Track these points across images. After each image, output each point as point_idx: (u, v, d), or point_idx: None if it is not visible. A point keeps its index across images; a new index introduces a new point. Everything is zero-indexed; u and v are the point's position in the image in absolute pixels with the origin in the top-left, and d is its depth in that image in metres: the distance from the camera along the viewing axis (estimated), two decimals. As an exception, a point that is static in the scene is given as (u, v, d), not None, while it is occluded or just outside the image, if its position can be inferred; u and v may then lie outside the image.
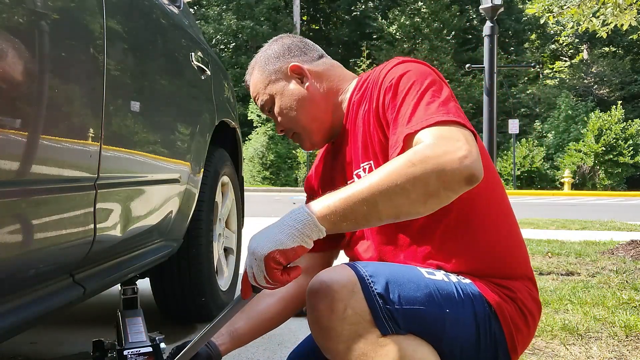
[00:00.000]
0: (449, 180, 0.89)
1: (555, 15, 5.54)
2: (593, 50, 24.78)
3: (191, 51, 2.06)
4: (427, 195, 0.90)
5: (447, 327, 0.98)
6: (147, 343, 1.36)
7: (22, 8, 0.98)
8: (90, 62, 1.20)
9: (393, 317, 0.93)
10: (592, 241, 4.84)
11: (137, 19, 1.56)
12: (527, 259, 1.18)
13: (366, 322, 0.92)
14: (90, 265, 1.38)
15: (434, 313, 0.96)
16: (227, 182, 2.56)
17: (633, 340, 2.07)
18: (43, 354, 2.01)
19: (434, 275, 1.02)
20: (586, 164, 19.00)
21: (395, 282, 0.96)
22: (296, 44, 1.29)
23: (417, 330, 0.96)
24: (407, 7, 22.91)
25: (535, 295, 1.13)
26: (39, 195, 1.06)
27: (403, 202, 0.90)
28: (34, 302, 1.10)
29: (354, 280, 0.94)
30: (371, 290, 0.93)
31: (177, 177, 1.85)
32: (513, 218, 1.18)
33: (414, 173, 0.89)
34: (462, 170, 0.89)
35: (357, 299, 0.92)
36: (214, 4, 25.27)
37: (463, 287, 1.02)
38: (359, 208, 0.90)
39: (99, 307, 2.67)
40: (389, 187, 0.89)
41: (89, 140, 1.19)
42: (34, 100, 1.00)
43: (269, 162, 19.69)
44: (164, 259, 1.91)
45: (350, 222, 0.91)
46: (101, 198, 1.28)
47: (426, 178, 0.88)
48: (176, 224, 1.93)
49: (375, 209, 0.90)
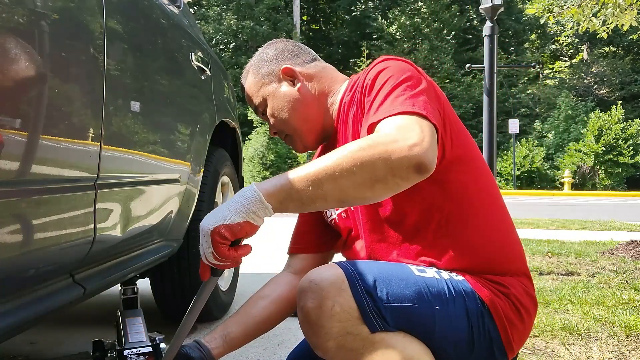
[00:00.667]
0: (396, 167, 0.89)
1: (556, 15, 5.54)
2: (593, 50, 24.78)
3: (191, 51, 2.06)
4: (374, 181, 0.90)
5: (437, 324, 0.98)
6: (147, 343, 1.36)
7: (22, 8, 0.98)
8: (90, 62, 1.20)
9: (381, 314, 0.94)
10: (592, 241, 4.84)
11: (137, 19, 1.56)
12: (521, 255, 1.17)
13: (354, 319, 0.93)
14: (91, 265, 1.37)
15: (423, 310, 0.97)
16: (227, 182, 2.57)
17: (633, 340, 2.07)
18: (43, 354, 2.01)
19: (424, 272, 1.02)
20: (586, 164, 19.00)
21: (383, 279, 0.97)
22: (289, 48, 1.32)
23: (406, 327, 0.96)
24: (407, 7, 22.91)
25: (531, 291, 1.13)
26: (39, 195, 1.05)
27: (348, 185, 0.90)
28: (34, 302, 1.10)
29: (342, 278, 0.95)
30: (359, 288, 0.94)
31: (177, 177, 1.85)
32: (506, 215, 1.18)
33: (361, 157, 0.89)
34: (410, 157, 0.89)
35: (344, 296, 0.93)
36: (214, 4, 25.26)
37: (455, 284, 1.03)
38: (305, 188, 0.90)
39: (99, 307, 2.67)
40: (335, 169, 0.90)
41: (89, 140, 1.19)
42: (33, 100, 1.00)
43: (269, 162, 19.68)
44: (164, 259, 1.91)
45: (295, 202, 0.92)
46: (101, 198, 1.28)
47: (373, 162, 0.89)
48: (176, 224, 1.93)
49: (320, 190, 0.90)
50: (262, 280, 1.40)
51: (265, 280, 1.34)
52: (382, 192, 0.93)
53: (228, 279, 2.56)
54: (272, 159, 19.68)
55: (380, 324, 0.94)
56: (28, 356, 1.98)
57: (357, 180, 0.90)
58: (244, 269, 3.43)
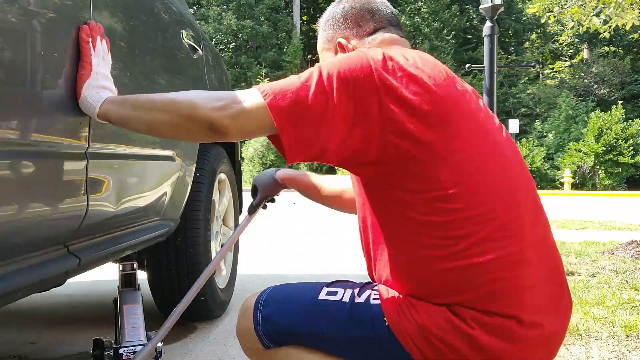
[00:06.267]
0: (195, 115, 1.02)
1: (556, 14, 5.53)
2: (593, 50, 24.77)
3: (182, 28, 2.01)
4: (179, 117, 1.05)
5: (329, 343, 1.07)
6: (144, 342, 1.38)
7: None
8: (77, 34, 1.18)
9: (269, 334, 1.10)
10: (592, 241, 4.84)
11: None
12: (513, 294, 0.99)
13: (253, 338, 1.12)
14: (85, 237, 1.38)
15: (309, 331, 1.08)
16: (224, 179, 2.56)
17: (633, 340, 2.07)
18: (43, 354, 2.01)
19: (333, 295, 1.08)
20: (586, 164, 18.99)
21: (280, 305, 1.11)
22: (357, 10, 1.23)
23: (299, 344, 1.10)
24: (407, 7, 22.91)
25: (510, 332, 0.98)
26: (28, 160, 1.05)
27: (158, 117, 1.07)
28: (28, 270, 1.10)
29: (248, 306, 1.14)
30: (257, 313, 1.12)
31: (171, 154, 1.84)
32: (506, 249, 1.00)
33: (177, 99, 1.07)
34: (208, 114, 1.01)
35: (246, 320, 1.13)
36: (214, 4, 25.27)
37: (361, 309, 1.04)
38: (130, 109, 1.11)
39: (99, 307, 2.67)
40: (157, 104, 1.08)
41: (79, 108, 1.18)
42: (21, 67, 1.00)
43: (269, 162, 19.67)
44: (161, 239, 1.92)
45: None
46: (93, 168, 1.27)
47: (181, 106, 1.05)
48: (172, 203, 1.93)
49: (137, 112, 1.09)
50: (261, 280, 1.40)
51: (265, 280, 1.35)
52: (178, 132, 1.09)
53: (226, 277, 2.56)
54: (272, 159, 19.68)
55: (269, 342, 1.11)
56: (28, 356, 1.98)
57: (163, 115, 1.06)
58: (243, 269, 3.44)
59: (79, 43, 1.17)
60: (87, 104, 1.14)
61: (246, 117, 1.01)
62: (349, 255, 4.17)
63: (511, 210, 1.02)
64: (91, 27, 1.20)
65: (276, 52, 23.94)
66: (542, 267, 1.04)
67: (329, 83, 0.99)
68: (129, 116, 1.10)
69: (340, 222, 6.47)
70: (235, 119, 1.01)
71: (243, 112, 1.00)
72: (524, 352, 1.00)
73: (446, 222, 0.99)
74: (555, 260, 1.09)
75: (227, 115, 1.01)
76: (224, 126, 1.01)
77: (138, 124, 1.11)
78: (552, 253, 1.09)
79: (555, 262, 1.08)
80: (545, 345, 1.03)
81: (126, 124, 1.12)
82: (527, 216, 1.04)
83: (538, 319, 1.00)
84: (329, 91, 0.98)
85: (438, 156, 0.99)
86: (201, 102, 1.03)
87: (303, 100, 0.98)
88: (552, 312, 1.04)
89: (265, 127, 1.01)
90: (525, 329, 0.98)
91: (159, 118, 1.07)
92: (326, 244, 4.97)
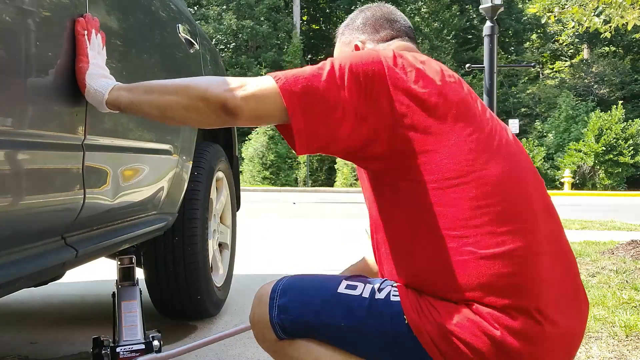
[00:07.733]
0: (208, 96, 1.04)
1: (557, 14, 5.52)
2: (593, 50, 24.77)
3: (178, 22, 2.01)
4: (191, 99, 1.06)
5: (345, 338, 1.05)
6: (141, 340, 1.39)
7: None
8: (72, 27, 1.18)
9: (284, 325, 1.08)
10: (592, 241, 4.84)
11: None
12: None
13: (266, 328, 1.10)
14: (83, 230, 1.38)
15: (326, 324, 1.05)
16: (222, 177, 2.55)
17: (633, 340, 2.07)
18: (43, 354, 2.01)
19: (352, 289, 1.06)
20: (586, 164, 19.00)
21: (297, 295, 1.09)
22: (377, 19, 1.29)
23: (313, 337, 1.07)
24: (407, 7, 22.91)
25: (520, 328, 0.97)
26: (25, 151, 1.05)
27: (171, 100, 1.08)
28: (25, 260, 1.10)
29: (263, 293, 1.11)
30: (274, 302, 1.09)
31: (168, 148, 1.84)
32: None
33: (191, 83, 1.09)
34: (220, 94, 1.03)
35: (261, 308, 1.10)
36: (214, 4, 25.26)
37: (380, 304, 1.03)
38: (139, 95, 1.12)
39: (99, 307, 2.67)
40: (169, 88, 1.10)
41: (75, 100, 1.19)
42: (17, 57, 1.00)
43: (269, 162, 19.67)
44: (159, 233, 1.92)
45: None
46: (89, 160, 1.27)
47: (194, 88, 1.07)
48: (170, 197, 1.93)
49: (148, 96, 1.11)
50: (260, 280, 1.40)
51: (264, 280, 1.35)
52: (193, 114, 1.08)
53: (222, 275, 2.56)
54: (272, 159, 19.67)
55: (283, 333, 1.08)
56: (28, 356, 1.98)
57: (178, 98, 1.07)
58: (242, 269, 3.44)
59: (75, 36, 1.17)
60: (95, 93, 1.15)
61: (259, 100, 1.02)
62: (349, 256, 4.16)
63: (523, 202, 1.03)
64: (87, 20, 1.21)
65: (276, 52, 23.94)
66: (557, 264, 1.04)
67: (340, 75, 1.02)
68: (140, 100, 1.11)
69: (341, 222, 6.47)
70: (247, 101, 1.02)
71: (256, 94, 1.02)
72: (545, 353, 1.00)
73: (459, 212, 0.99)
74: (570, 260, 1.09)
75: (240, 97, 1.02)
76: (237, 106, 1.02)
77: (150, 108, 1.11)
78: (568, 253, 1.09)
79: (570, 263, 1.08)
80: (566, 346, 1.03)
81: (138, 109, 1.13)
82: (538, 208, 1.05)
83: (558, 318, 1.00)
84: (340, 83, 1.02)
85: (447, 145, 1.01)
86: (214, 83, 1.05)
87: (315, 88, 1.01)
88: (572, 313, 1.04)
89: (277, 111, 1.02)
90: (547, 327, 0.98)
91: (171, 100, 1.08)
92: (326, 244, 4.97)
